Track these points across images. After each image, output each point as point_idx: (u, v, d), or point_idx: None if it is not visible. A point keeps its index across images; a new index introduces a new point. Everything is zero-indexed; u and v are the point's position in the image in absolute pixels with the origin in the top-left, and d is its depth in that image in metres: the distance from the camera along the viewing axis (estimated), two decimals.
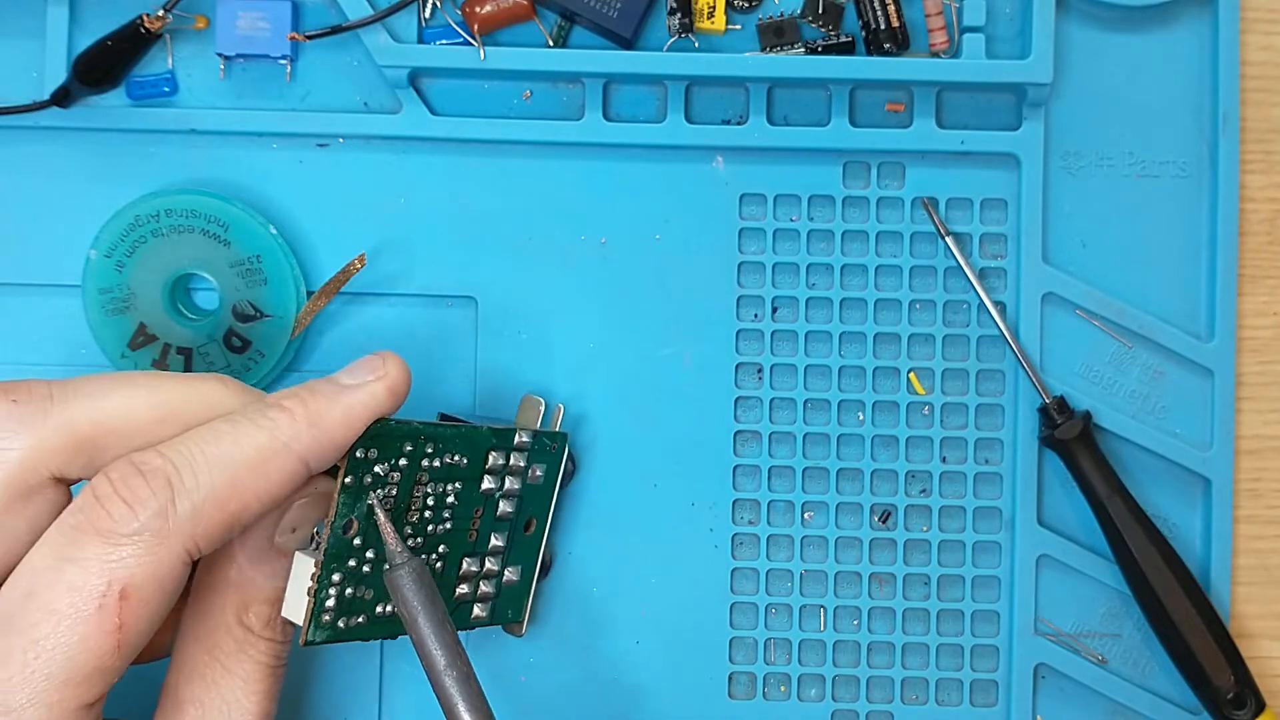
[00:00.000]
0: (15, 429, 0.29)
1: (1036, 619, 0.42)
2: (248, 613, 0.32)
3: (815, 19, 0.42)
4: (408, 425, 0.33)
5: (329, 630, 0.32)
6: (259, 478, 0.29)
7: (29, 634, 0.27)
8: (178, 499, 0.28)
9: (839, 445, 0.42)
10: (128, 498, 0.28)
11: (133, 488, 0.28)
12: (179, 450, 0.29)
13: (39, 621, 0.27)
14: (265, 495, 0.29)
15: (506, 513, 0.37)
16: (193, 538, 0.28)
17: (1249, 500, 0.43)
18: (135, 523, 0.28)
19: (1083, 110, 0.43)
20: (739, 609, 0.42)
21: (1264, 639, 0.43)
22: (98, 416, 0.30)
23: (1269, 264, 0.43)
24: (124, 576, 0.27)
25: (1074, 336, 0.42)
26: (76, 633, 0.27)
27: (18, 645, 0.27)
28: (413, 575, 0.32)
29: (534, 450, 0.38)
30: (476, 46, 0.41)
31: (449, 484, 0.35)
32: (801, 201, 0.43)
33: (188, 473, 0.28)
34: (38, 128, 0.42)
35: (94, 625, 0.27)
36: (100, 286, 0.41)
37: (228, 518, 0.29)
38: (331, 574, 0.32)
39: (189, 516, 0.28)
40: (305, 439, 0.30)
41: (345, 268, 0.41)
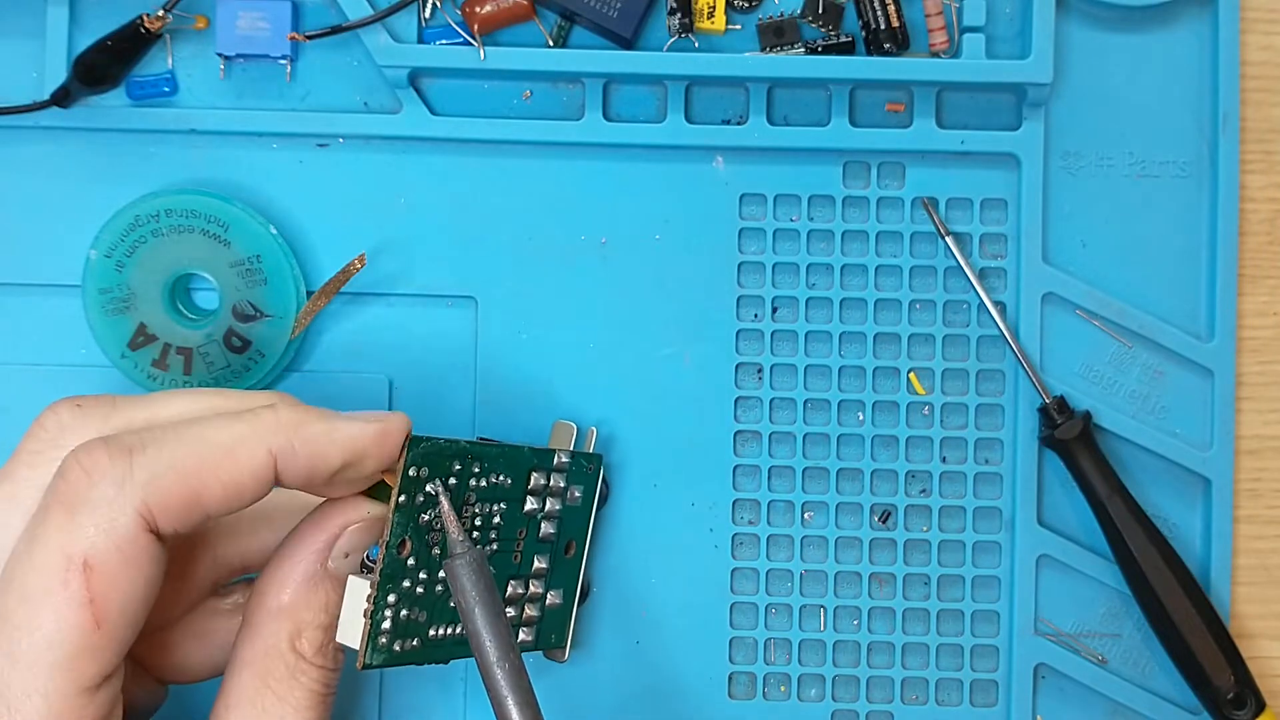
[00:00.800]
0: (75, 428, 0.30)
1: (1036, 619, 0.42)
2: (300, 639, 0.32)
3: (815, 19, 0.42)
4: (456, 444, 0.33)
5: (385, 653, 0.32)
6: (226, 462, 0.29)
7: (10, 621, 0.27)
8: (135, 468, 0.28)
9: (839, 445, 0.42)
10: (88, 467, 0.28)
11: (94, 458, 0.28)
12: (153, 430, 0.29)
13: (15, 608, 0.27)
14: (229, 481, 0.29)
15: (549, 534, 0.37)
16: (147, 504, 0.28)
17: (1249, 500, 0.43)
18: (92, 491, 0.27)
19: (1083, 110, 0.43)
20: (739, 609, 0.42)
21: (1264, 639, 0.43)
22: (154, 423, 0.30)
23: (1269, 264, 0.43)
24: (84, 548, 0.27)
25: (1074, 336, 0.42)
26: (49, 612, 0.27)
27: (2, 634, 0.27)
28: (473, 564, 0.31)
29: (572, 471, 0.38)
30: (476, 46, 0.41)
31: (495, 504, 0.35)
32: (801, 201, 0.43)
33: (152, 445, 0.28)
34: (38, 128, 0.42)
35: (63, 601, 0.27)
36: (100, 286, 0.41)
37: (187, 491, 0.28)
38: (387, 595, 0.31)
39: (144, 483, 0.28)
40: (280, 438, 0.30)
41: (345, 268, 0.41)
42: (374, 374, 0.42)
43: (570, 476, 0.38)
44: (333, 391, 0.42)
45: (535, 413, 0.42)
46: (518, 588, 0.37)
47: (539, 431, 0.42)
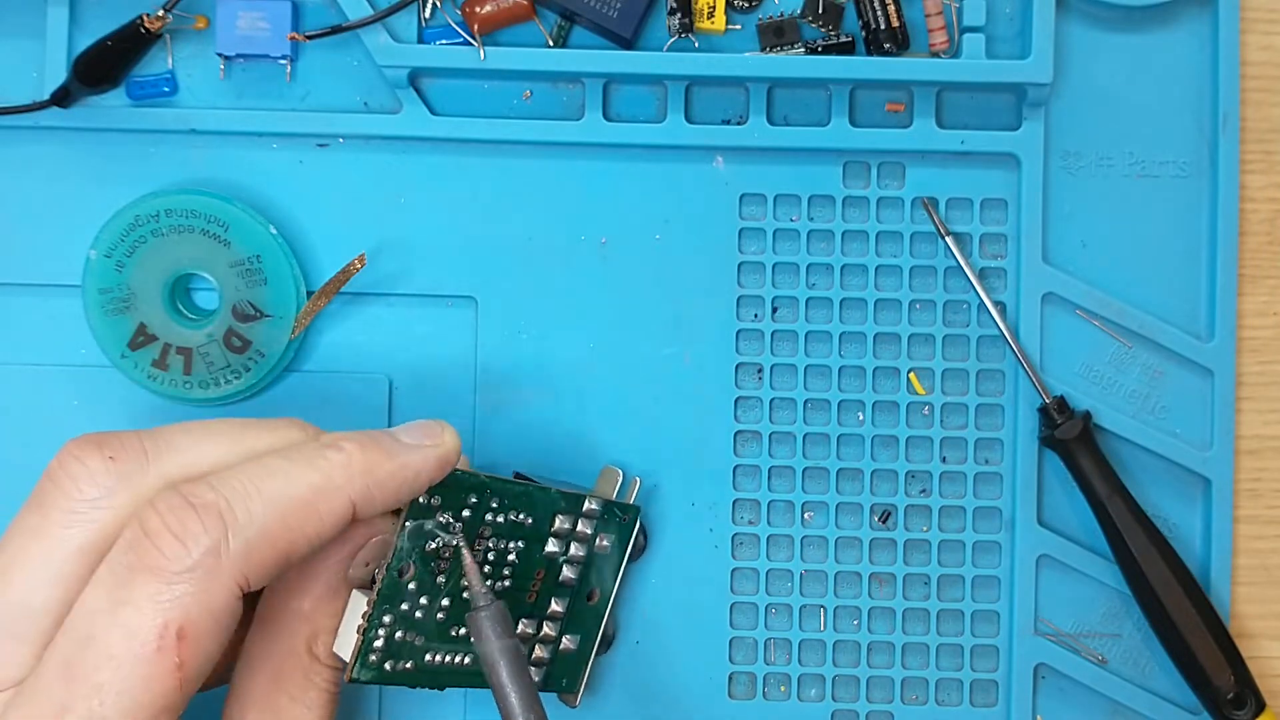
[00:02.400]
0: (113, 487, 0.29)
1: (1036, 619, 0.42)
2: (317, 642, 0.32)
3: (815, 19, 0.42)
4: (474, 477, 0.33)
5: (374, 670, 0.32)
6: (310, 516, 0.29)
7: (91, 680, 0.26)
8: (230, 535, 0.28)
9: (839, 445, 0.42)
10: (179, 533, 0.27)
11: (184, 522, 0.27)
12: (231, 485, 0.28)
13: (100, 667, 0.27)
14: (314, 535, 0.29)
15: (569, 579, 0.37)
16: (244, 574, 0.28)
17: (1249, 500, 0.43)
18: (188, 559, 0.27)
19: (1083, 110, 0.43)
20: (739, 609, 0.42)
21: (1264, 639, 0.43)
22: (190, 471, 0.30)
23: (1269, 264, 0.43)
24: (179, 615, 0.27)
25: (1074, 336, 0.42)
26: (138, 675, 0.26)
27: (80, 693, 0.26)
28: (496, 618, 0.32)
29: (603, 519, 0.38)
30: (476, 46, 0.41)
31: (512, 541, 0.35)
32: (801, 201, 0.43)
33: (240, 508, 0.28)
34: (38, 128, 0.42)
35: (155, 666, 0.26)
36: (100, 286, 0.41)
37: (278, 554, 0.28)
38: (382, 615, 0.32)
39: (241, 553, 0.28)
40: (357, 484, 0.30)
41: (345, 268, 0.41)
42: (374, 374, 0.42)
43: (600, 524, 0.38)
44: (333, 391, 0.42)
45: (535, 413, 0.42)
46: (528, 627, 0.37)
47: (539, 431, 0.42)
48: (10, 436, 0.42)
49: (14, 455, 0.42)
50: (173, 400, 0.41)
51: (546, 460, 0.42)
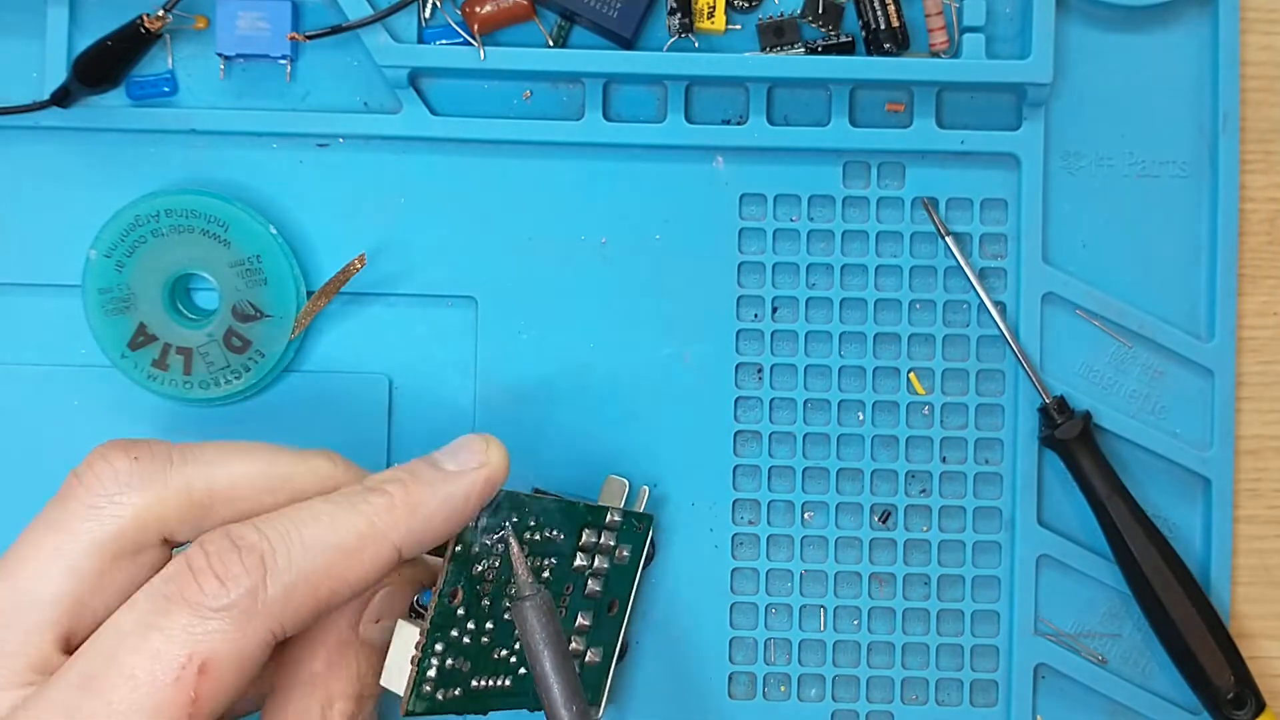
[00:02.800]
0: (134, 485, 0.29)
1: (1036, 619, 0.42)
2: (331, 708, 0.32)
3: (815, 19, 0.42)
4: (516, 496, 0.33)
5: (428, 701, 0.32)
6: (353, 564, 0.29)
7: (105, 696, 0.26)
8: (270, 579, 0.27)
9: (839, 445, 0.42)
10: (221, 573, 0.27)
11: (227, 563, 0.27)
12: (276, 528, 0.28)
13: (117, 685, 0.27)
14: (357, 582, 0.29)
15: (595, 591, 0.37)
16: (280, 620, 0.28)
17: (1249, 500, 0.43)
18: (225, 599, 0.27)
19: (1083, 110, 0.43)
20: (739, 609, 0.42)
21: (1264, 639, 0.43)
22: (214, 483, 0.30)
23: (1269, 264, 0.43)
24: (206, 651, 0.27)
25: (1074, 336, 0.42)
26: (151, 701, 0.26)
27: (90, 708, 0.26)
28: (542, 607, 0.31)
29: (623, 530, 0.38)
30: (476, 46, 0.41)
31: (547, 558, 0.35)
32: (801, 201, 0.43)
33: (282, 553, 0.28)
34: (38, 128, 0.42)
35: (169, 696, 0.26)
36: (100, 286, 0.41)
37: (317, 602, 0.28)
38: (435, 643, 0.31)
39: (279, 598, 0.28)
40: (402, 528, 0.29)
41: (345, 268, 0.41)
42: (374, 374, 0.42)
43: (620, 535, 0.38)
44: (333, 391, 0.42)
45: (535, 413, 0.42)
46: None
47: (539, 432, 0.42)
48: (10, 436, 0.42)
49: (14, 455, 0.42)
50: (173, 400, 0.41)
51: (547, 460, 0.42)
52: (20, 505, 0.42)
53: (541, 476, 0.42)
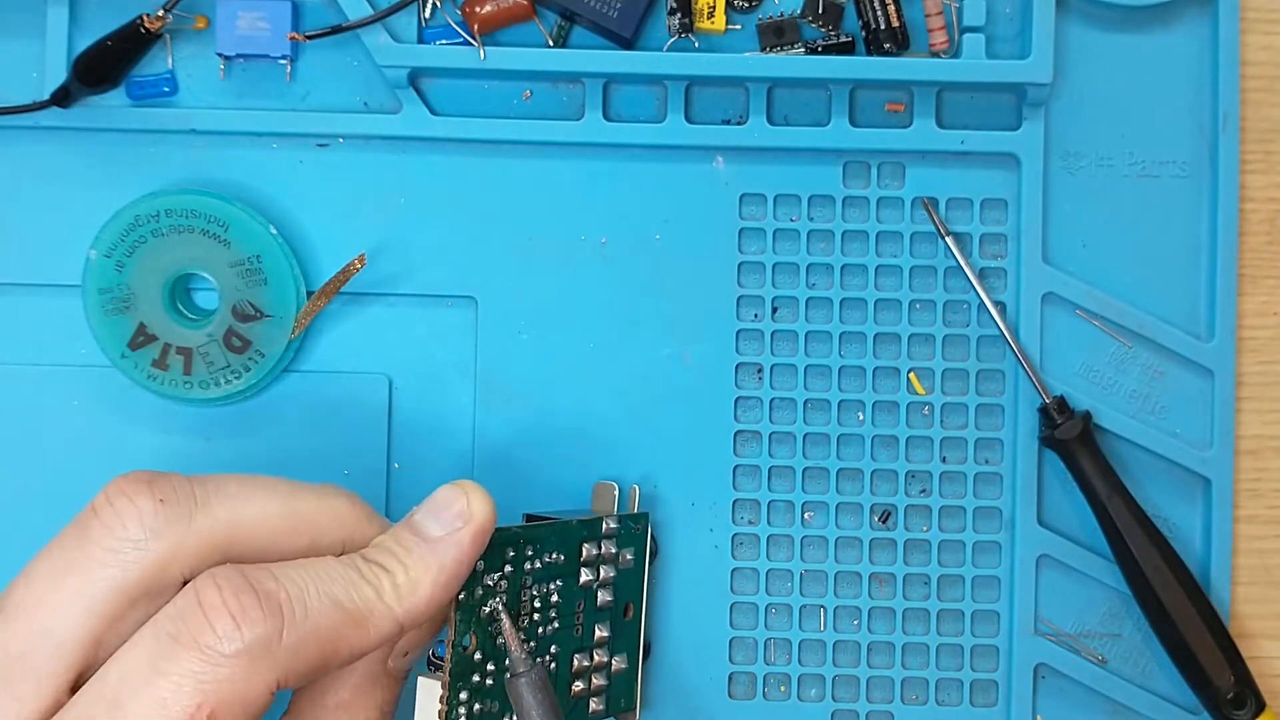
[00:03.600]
0: (159, 531, 0.28)
1: (1036, 619, 0.42)
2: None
3: (815, 19, 0.42)
4: (508, 531, 0.33)
5: None
6: (359, 633, 0.28)
7: None
8: (286, 630, 0.27)
9: (839, 445, 0.42)
10: (236, 614, 0.26)
11: (244, 605, 0.26)
12: (294, 581, 0.28)
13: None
14: (359, 650, 0.29)
15: (606, 601, 0.37)
16: (286, 673, 0.27)
17: (1249, 500, 0.43)
18: (238, 643, 0.26)
19: (1083, 110, 0.43)
20: (739, 609, 0.42)
21: (1264, 639, 0.43)
22: (236, 523, 0.29)
23: (1269, 264, 0.43)
24: (214, 700, 0.26)
25: (1074, 336, 0.42)
26: None
27: None
28: (535, 683, 0.32)
29: (621, 535, 0.38)
30: (476, 46, 0.41)
31: (551, 582, 0.35)
32: (801, 201, 0.43)
33: (300, 605, 0.27)
34: (38, 128, 0.42)
35: None
36: (100, 286, 0.41)
37: (323, 659, 0.28)
38: (459, 693, 0.32)
39: (291, 650, 0.27)
40: (404, 605, 0.29)
41: (345, 268, 0.41)
42: (374, 374, 0.42)
43: (620, 540, 0.38)
44: (333, 391, 0.42)
45: (535, 413, 0.42)
46: (583, 660, 0.37)
47: (539, 432, 0.42)
48: (10, 436, 0.42)
49: (14, 455, 0.42)
50: (173, 400, 0.41)
51: (546, 460, 0.42)
52: (20, 505, 0.42)
53: (542, 476, 0.42)
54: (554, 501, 0.42)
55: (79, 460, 0.42)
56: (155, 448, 0.42)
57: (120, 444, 0.42)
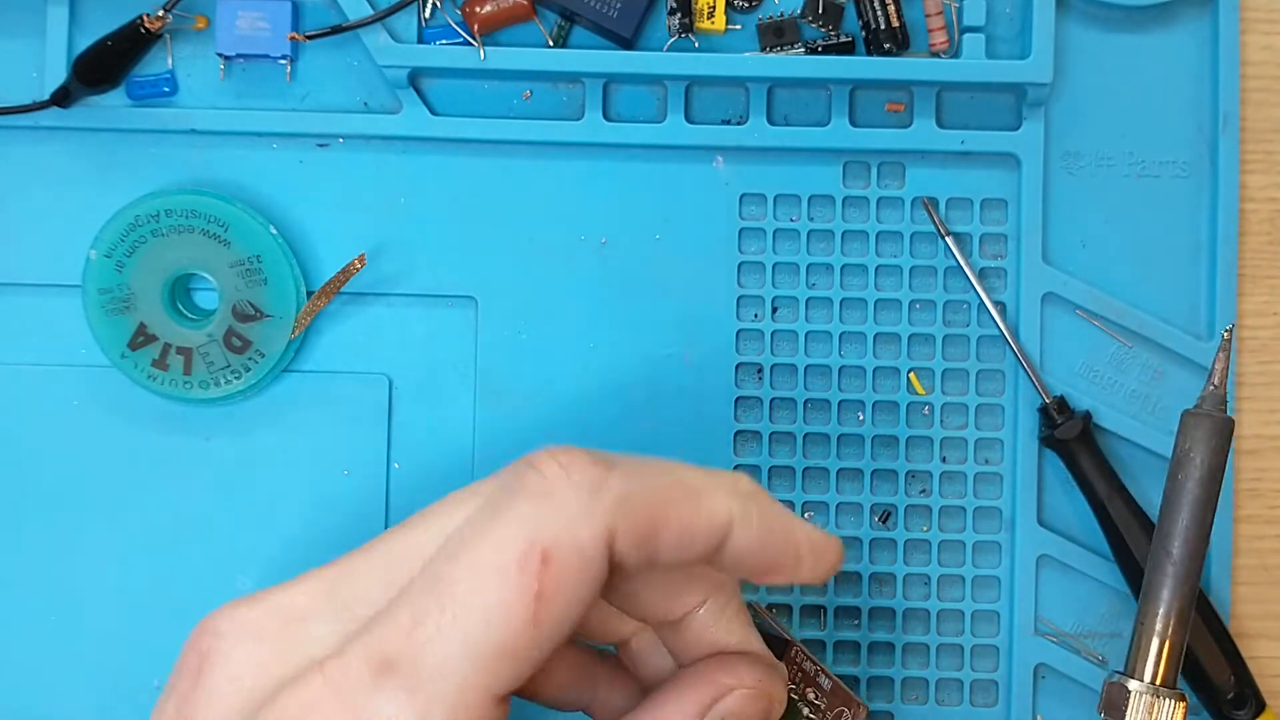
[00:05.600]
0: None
1: (1036, 619, 0.42)
2: None
3: (815, 19, 0.42)
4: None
5: None
6: (690, 504, 0.27)
7: (450, 591, 0.24)
8: (614, 478, 0.26)
9: (839, 445, 0.42)
10: (564, 462, 0.26)
11: (572, 455, 0.26)
12: (624, 464, 0.27)
13: (461, 579, 0.25)
14: (687, 526, 0.27)
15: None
16: (616, 523, 0.25)
17: (1249, 500, 0.43)
18: (565, 484, 0.25)
19: (1083, 110, 0.43)
20: None
21: (1264, 639, 0.43)
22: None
23: (1269, 264, 0.43)
24: (547, 538, 0.25)
25: (1074, 336, 0.42)
26: (495, 594, 0.24)
27: (436, 605, 0.24)
28: None
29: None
30: (476, 46, 0.41)
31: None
32: (801, 201, 0.43)
33: (628, 464, 0.26)
34: (38, 128, 0.42)
35: (514, 585, 0.24)
36: (100, 286, 0.41)
37: (649, 523, 0.26)
38: None
39: (620, 499, 0.26)
40: (743, 503, 0.28)
41: (345, 268, 0.41)
42: (374, 374, 0.42)
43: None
44: (333, 391, 0.42)
45: (535, 413, 0.42)
46: None
47: (539, 432, 0.42)
48: (10, 436, 0.42)
49: (14, 455, 0.42)
50: (173, 400, 0.41)
51: None
52: (20, 505, 0.42)
53: None
54: None
55: (79, 460, 0.42)
56: (155, 448, 0.42)
57: (120, 444, 0.42)
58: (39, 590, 0.42)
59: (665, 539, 0.26)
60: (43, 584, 0.42)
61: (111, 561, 0.42)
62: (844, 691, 0.38)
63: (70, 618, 0.42)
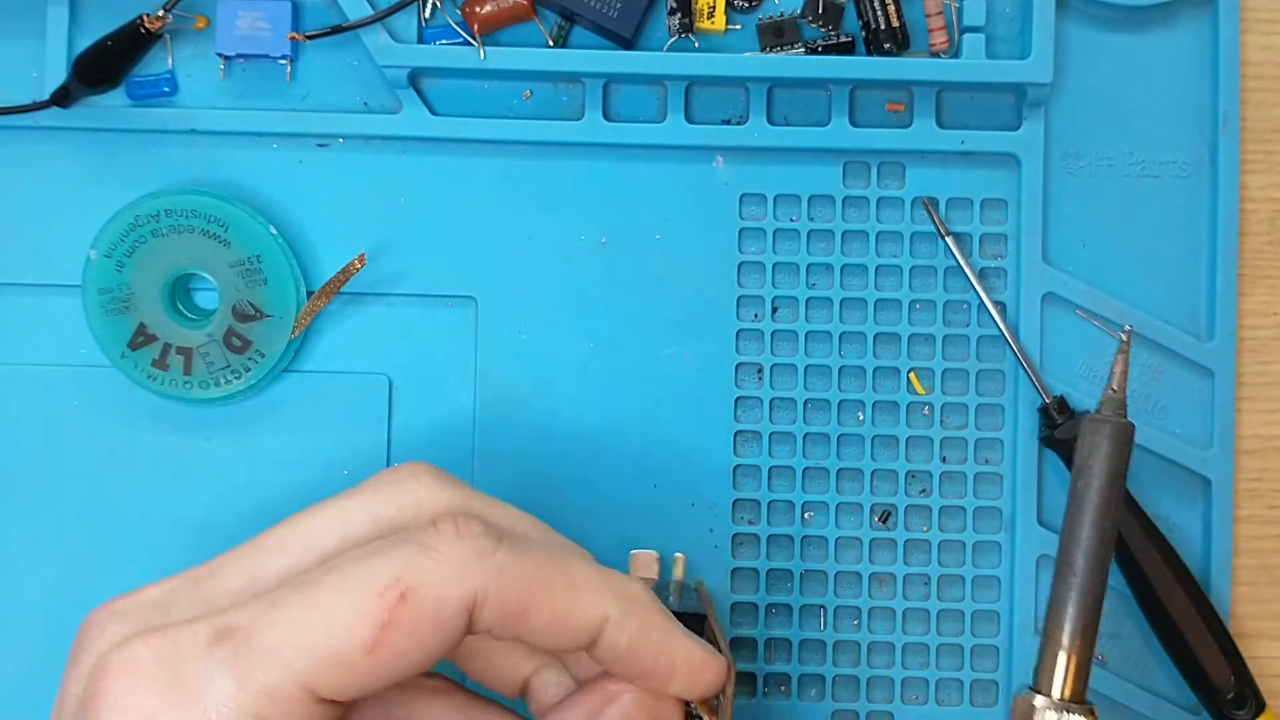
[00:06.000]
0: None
1: (1036, 619, 0.42)
2: None
3: (815, 19, 0.42)
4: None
5: None
6: (568, 594, 0.28)
7: (312, 592, 0.26)
8: (496, 555, 0.27)
9: (839, 445, 0.42)
10: (461, 526, 0.27)
11: (469, 523, 0.27)
12: (526, 529, 0.29)
13: (326, 586, 0.26)
14: (560, 613, 0.28)
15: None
16: (487, 592, 0.27)
17: (1249, 500, 0.43)
18: (453, 544, 0.27)
19: (1083, 110, 0.43)
20: (739, 609, 0.42)
21: (1264, 639, 0.43)
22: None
23: (1269, 264, 0.43)
24: (413, 581, 0.26)
25: (1074, 336, 0.42)
26: (347, 609, 0.26)
27: (295, 598, 0.26)
28: None
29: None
30: (476, 46, 0.41)
31: None
32: (801, 201, 0.43)
33: (521, 542, 0.28)
34: (38, 128, 0.42)
35: (366, 609, 0.26)
36: (100, 286, 0.41)
37: (520, 602, 0.27)
38: None
39: (497, 570, 0.27)
40: (620, 611, 0.28)
41: (345, 268, 0.41)
42: (374, 374, 0.42)
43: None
44: (333, 391, 0.42)
45: (535, 413, 0.42)
46: None
47: (539, 432, 0.42)
48: (10, 436, 0.42)
49: (14, 455, 0.42)
50: (173, 400, 0.41)
51: (546, 461, 0.42)
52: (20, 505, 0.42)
53: (541, 476, 0.42)
54: (555, 501, 0.42)
55: (79, 460, 0.42)
56: (155, 448, 0.42)
57: (120, 444, 0.42)
58: (39, 590, 0.42)
59: (534, 622, 0.28)
60: (43, 584, 0.42)
61: (112, 561, 0.42)
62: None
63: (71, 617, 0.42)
